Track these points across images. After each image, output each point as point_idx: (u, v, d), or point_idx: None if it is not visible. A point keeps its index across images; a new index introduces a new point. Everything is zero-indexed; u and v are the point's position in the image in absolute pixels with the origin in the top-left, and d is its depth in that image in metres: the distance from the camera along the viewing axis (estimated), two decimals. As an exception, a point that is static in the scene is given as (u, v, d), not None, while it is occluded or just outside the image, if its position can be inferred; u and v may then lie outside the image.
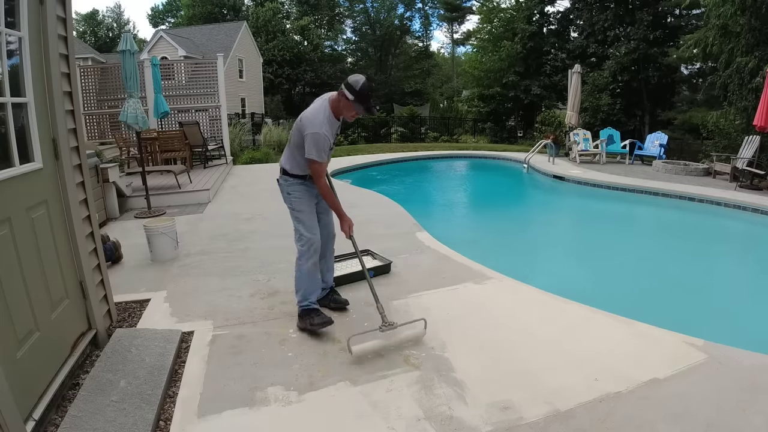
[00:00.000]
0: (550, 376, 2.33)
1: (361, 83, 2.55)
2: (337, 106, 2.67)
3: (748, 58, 9.07)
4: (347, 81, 2.59)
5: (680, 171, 9.42)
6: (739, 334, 3.29)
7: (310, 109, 2.70)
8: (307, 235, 2.78)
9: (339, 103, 2.65)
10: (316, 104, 2.72)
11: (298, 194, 2.80)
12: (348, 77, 2.62)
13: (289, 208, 2.85)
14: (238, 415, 2.07)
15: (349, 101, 2.58)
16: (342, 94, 2.60)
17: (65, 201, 2.40)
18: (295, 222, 2.84)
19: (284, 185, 2.85)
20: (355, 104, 2.58)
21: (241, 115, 20.38)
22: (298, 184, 2.80)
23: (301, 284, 2.84)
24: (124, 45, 5.52)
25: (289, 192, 2.82)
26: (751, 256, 5.51)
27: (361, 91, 2.55)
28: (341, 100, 2.62)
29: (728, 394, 2.16)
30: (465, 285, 3.51)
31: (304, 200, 2.82)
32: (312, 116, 2.64)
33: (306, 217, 2.81)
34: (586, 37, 18.28)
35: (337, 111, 2.69)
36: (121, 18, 48.56)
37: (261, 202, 6.74)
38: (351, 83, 2.56)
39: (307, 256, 2.79)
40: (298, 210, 2.81)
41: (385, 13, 35.74)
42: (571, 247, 6.00)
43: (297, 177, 2.79)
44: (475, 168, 12.73)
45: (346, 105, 2.62)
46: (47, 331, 2.11)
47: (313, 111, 2.67)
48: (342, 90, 2.60)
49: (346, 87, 2.58)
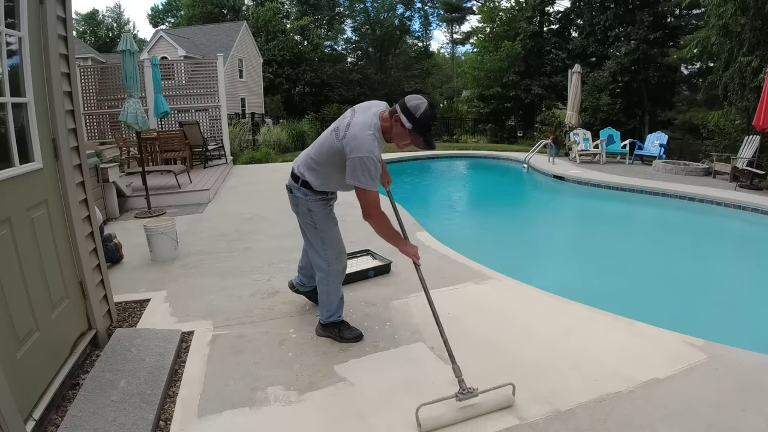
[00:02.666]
0: (550, 375, 2.32)
1: (422, 110, 2.11)
2: (388, 129, 2.23)
3: (751, 57, 9.06)
4: (405, 104, 2.14)
5: (680, 171, 9.42)
6: (739, 334, 3.28)
7: (356, 124, 2.20)
8: (337, 255, 2.52)
9: (391, 128, 2.21)
10: (363, 119, 2.23)
11: (321, 212, 2.45)
12: (406, 98, 2.17)
13: (308, 225, 2.49)
14: (238, 415, 2.06)
15: (405, 129, 2.15)
16: (397, 118, 2.17)
17: (65, 201, 2.40)
18: (318, 242, 2.50)
19: (302, 199, 2.43)
20: (412, 134, 2.15)
21: (241, 115, 20.36)
22: (320, 201, 2.44)
23: (328, 302, 2.61)
24: (124, 45, 5.52)
25: (309, 209, 2.43)
26: (751, 256, 5.51)
27: (422, 119, 2.11)
28: (395, 124, 2.19)
29: (728, 394, 2.16)
30: (465, 285, 3.51)
31: (329, 218, 2.49)
32: (360, 135, 2.15)
33: (333, 236, 2.50)
34: (587, 36, 18.30)
35: (388, 134, 2.25)
36: (121, 18, 48.62)
37: (261, 202, 6.75)
38: (410, 108, 2.12)
39: (335, 277, 2.56)
40: (322, 230, 2.47)
41: (385, 13, 35.74)
42: (571, 247, 6.00)
43: (320, 193, 2.43)
44: (475, 168, 12.72)
45: (400, 132, 2.19)
46: (47, 331, 2.11)
47: (360, 128, 2.17)
48: (397, 113, 2.16)
49: (404, 111, 2.13)
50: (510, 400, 2.11)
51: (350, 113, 2.33)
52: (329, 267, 2.54)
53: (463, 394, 2.04)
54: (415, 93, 2.34)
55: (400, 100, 2.21)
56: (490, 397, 2.09)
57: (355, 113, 2.30)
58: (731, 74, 9.77)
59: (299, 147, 15.51)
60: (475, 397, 2.06)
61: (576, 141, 11.29)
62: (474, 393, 2.05)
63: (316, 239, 2.52)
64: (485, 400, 2.07)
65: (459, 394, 2.04)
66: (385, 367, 2.44)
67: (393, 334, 2.78)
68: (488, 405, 2.07)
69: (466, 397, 2.04)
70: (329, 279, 2.56)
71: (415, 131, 2.14)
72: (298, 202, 2.47)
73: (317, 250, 2.53)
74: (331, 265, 2.54)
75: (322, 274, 2.57)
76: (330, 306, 2.66)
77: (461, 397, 2.04)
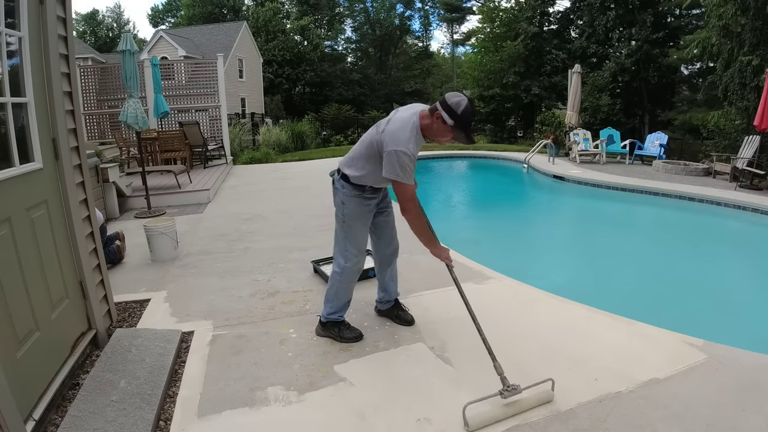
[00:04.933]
0: (550, 375, 2.32)
1: (463, 106, 2.17)
2: (428, 127, 2.28)
3: (751, 57, 9.06)
4: (446, 101, 2.20)
5: (680, 171, 9.41)
6: (739, 334, 3.28)
7: (396, 120, 2.30)
8: (357, 254, 2.57)
9: (432, 125, 2.26)
10: (403, 115, 2.32)
11: (353, 207, 2.51)
12: (446, 95, 2.24)
13: (338, 217, 2.57)
14: (238, 415, 2.06)
15: (447, 125, 2.21)
16: (438, 115, 2.22)
17: (65, 201, 2.40)
18: (343, 236, 2.56)
19: (339, 191, 2.52)
20: (455, 130, 2.22)
21: (241, 115, 20.37)
22: (356, 197, 2.49)
23: (335, 298, 2.65)
24: (124, 45, 5.52)
25: (344, 201, 2.51)
26: (751, 256, 5.51)
27: (464, 116, 2.18)
28: (435, 122, 2.24)
29: (728, 394, 2.16)
30: (465, 285, 3.47)
31: (360, 216, 2.54)
32: (398, 130, 2.25)
33: (358, 234, 2.56)
34: (587, 37, 18.29)
35: (429, 132, 2.31)
36: (121, 18, 48.57)
37: (261, 202, 6.75)
38: (452, 105, 2.18)
39: (349, 276, 2.60)
40: (350, 225, 2.53)
41: (385, 13, 35.75)
42: (571, 247, 5.99)
43: (357, 187, 2.49)
44: (475, 168, 12.72)
45: (441, 129, 2.24)
46: (47, 331, 2.11)
47: (400, 124, 2.27)
48: (438, 111, 2.22)
49: (445, 108, 2.19)
50: (550, 396, 2.14)
51: (394, 111, 2.43)
52: (346, 264, 2.58)
53: (507, 391, 2.06)
54: (415, 93, 2.37)
55: (440, 97, 2.26)
56: (532, 393, 2.11)
57: (398, 111, 2.40)
58: (731, 74, 9.77)
59: (299, 147, 15.51)
60: (519, 394, 2.07)
61: (576, 141, 11.29)
62: (518, 390, 2.08)
63: (341, 232, 2.59)
64: (527, 396, 2.09)
65: (504, 391, 2.06)
66: (385, 367, 2.44)
67: (393, 334, 2.78)
68: (530, 401, 2.08)
69: (510, 393, 2.06)
70: (343, 276, 2.60)
71: (457, 127, 2.21)
72: (336, 193, 2.56)
73: (340, 243, 2.60)
74: (348, 262, 2.58)
75: (338, 269, 2.62)
76: (335, 303, 2.67)
77: (506, 394, 2.05)
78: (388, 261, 2.80)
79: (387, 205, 2.71)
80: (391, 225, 2.74)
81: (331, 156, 13.08)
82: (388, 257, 2.79)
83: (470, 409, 1.97)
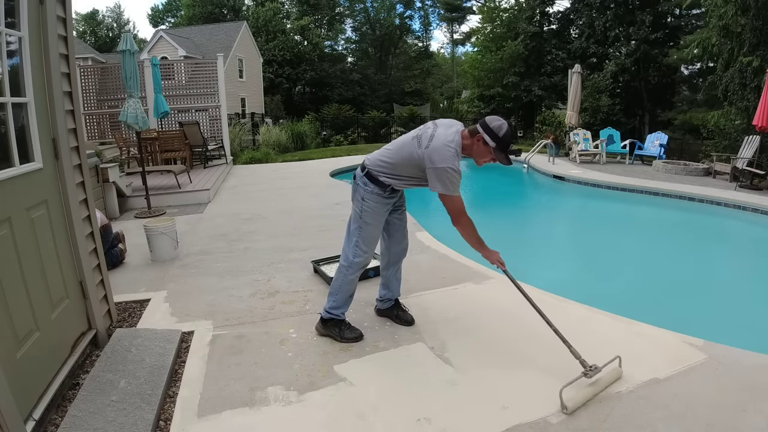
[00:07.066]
0: (550, 375, 2.32)
1: (504, 130, 2.30)
2: (469, 147, 2.38)
3: (751, 57, 9.07)
4: (487, 124, 2.31)
5: (680, 171, 9.42)
6: (739, 334, 3.28)
7: (439, 137, 2.35)
8: (366, 250, 2.62)
9: (473, 146, 2.37)
10: (446, 133, 2.37)
11: (373, 205, 2.54)
12: (486, 119, 2.35)
13: (357, 212, 2.60)
14: (238, 415, 2.06)
15: (488, 147, 2.32)
16: (480, 138, 2.32)
17: (65, 201, 2.40)
18: (357, 230, 2.61)
19: (361, 187, 2.56)
20: (496, 151, 2.32)
21: (241, 115, 20.37)
22: (377, 194, 2.53)
23: (339, 291, 2.68)
24: (124, 45, 5.52)
25: (364, 198, 2.54)
26: (751, 255, 5.51)
27: (504, 138, 2.29)
28: (476, 143, 2.35)
29: (728, 394, 2.16)
30: (465, 285, 3.51)
31: (378, 214, 2.58)
32: (443, 148, 2.31)
33: (372, 232, 2.60)
34: (587, 38, 18.29)
35: (468, 152, 2.41)
36: (121, 18, 48.53)
37: (261, 202, 6.75)
38: (493, 129, 2.29)
39: (356, 270, 2.64)
40: (366, 221, 2.57)
41: (385, 13, 35.74)
42: (571, 246, 6.00)
43: (380, 185, 2.52)
44: (475, 168, 12.70)
45: (482, 150, 2.35)
46: (47, 331, 2.11)
47: (444, 141, 2.33)
48: (480, 134, 2.32)
49: (486, 131, 2.30)
50: (620, 373, 2.31)
51: (432, 126, 2.46)
52: (354, 258, 2.62)
53: (591, 371, 2.21)
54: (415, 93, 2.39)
55: (481, 120, 2.37)
56: (606, 371, 2.27)
57: (438, 127, 2.44)
58: (731, 74, 9.77)
59: (299, 147, 15.52)
60: (600, 372, 2.23)
61: (576, 141, 11.30)
62: (598, 369, 2.23)
63: (355, 227, 2.62)
64: (604, 375, 2.26)
65: (588, 371, 2.21)
66: (385, 367, 2.44)
67: (393, 333, 2.78)
68: (607, 379, 2.26)
69: (594, 373, 2.21)
70: (349, 269, 2.64)
71: (498, 149, 2.32)
72: (356, 189, 2.61)
73: (351, 238, 2.64)
74: (357, 257, 2.62)
75: (345, 263, 2.66)
76: (338, 296, 2.69)
77: (590, 374, 2.21)
78: (396, 259, 2.86)
79: (402, 204, 2.78)
80: (404, 224, 2.80)
81: (331, 156, 13.08)
82: (397, 255, 2.84)
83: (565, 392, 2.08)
